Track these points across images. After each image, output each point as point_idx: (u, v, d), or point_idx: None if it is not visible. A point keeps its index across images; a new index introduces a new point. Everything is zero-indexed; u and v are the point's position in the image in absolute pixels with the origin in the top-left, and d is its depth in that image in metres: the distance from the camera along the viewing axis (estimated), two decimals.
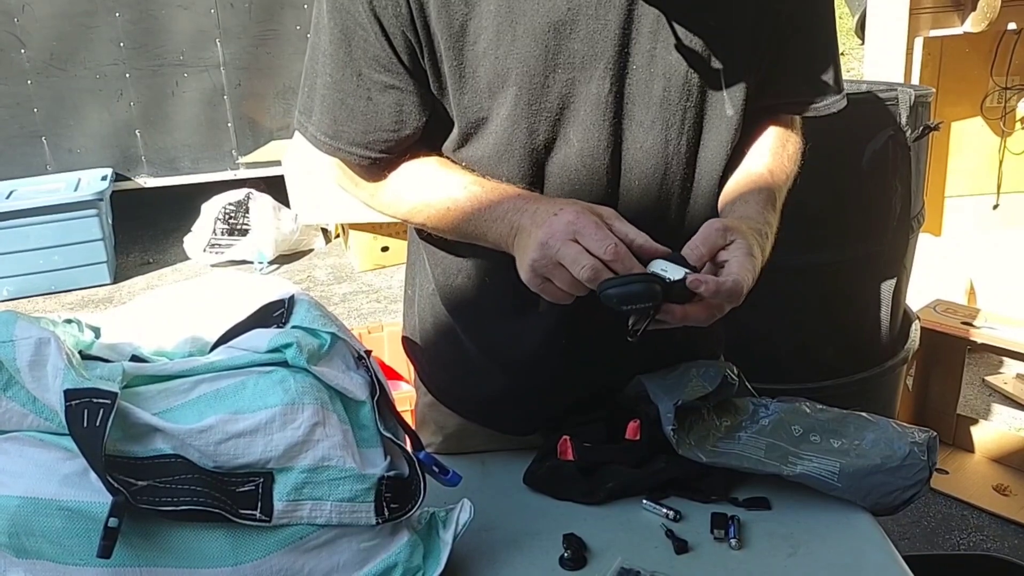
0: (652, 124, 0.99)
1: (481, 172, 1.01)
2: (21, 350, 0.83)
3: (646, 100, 0.98)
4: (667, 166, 1.02)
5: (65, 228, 4.14)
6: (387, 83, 0.98)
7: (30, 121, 4.48)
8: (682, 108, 0.99)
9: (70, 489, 0.80)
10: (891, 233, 1.83)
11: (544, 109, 0.97)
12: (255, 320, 0.99)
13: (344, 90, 0.99)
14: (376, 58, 0.96)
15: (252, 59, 4.59)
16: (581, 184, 1.00)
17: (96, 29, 4.39)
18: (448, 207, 1.00)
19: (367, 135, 1.00)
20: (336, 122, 1.00)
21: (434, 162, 1.03)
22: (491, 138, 0.99)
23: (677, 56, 0.97)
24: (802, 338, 1.85)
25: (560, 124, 0.98)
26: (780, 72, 1.05)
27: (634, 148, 1.01)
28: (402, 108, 0.99)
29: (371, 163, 1.03)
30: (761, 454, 1.02)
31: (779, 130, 1.12)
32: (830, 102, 1.10)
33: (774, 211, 1.04)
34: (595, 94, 0.97)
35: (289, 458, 0.85)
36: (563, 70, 0.95)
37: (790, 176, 1.10)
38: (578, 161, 1.00)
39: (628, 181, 1.02)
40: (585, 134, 0.98)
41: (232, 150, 4.77)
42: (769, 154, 1.08)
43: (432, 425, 1.23)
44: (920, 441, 1.04)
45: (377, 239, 4.34)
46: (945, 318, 2.47)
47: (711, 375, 1.07)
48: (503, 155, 1.00)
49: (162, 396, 0.88)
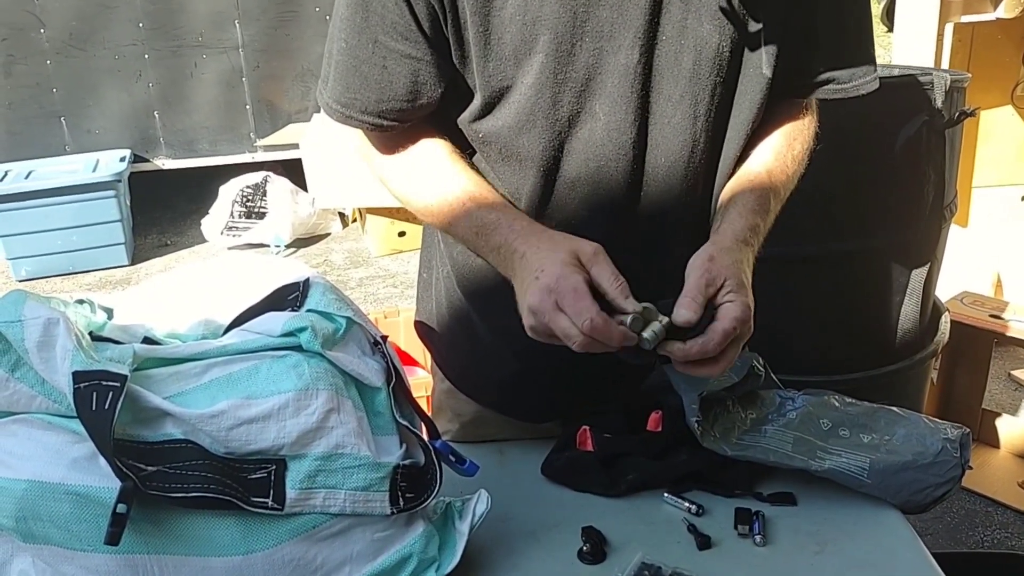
0: (681, 98, 0.96)
1: (500, 145, 0.99)
2: (30, 330, 0.81)
3: (675, 73, 0.95)
4: (694, 142, 0.99)
5: (83, 209, 4.15)
6: (403, 52, 0.95)
7: (49, 101, 4.49)
8: (712, 83, 0.96)
9: (78, 473, 0.78)
10: (923, 222, 1.79)
11: (570, 79, 0.94)
12: (269, 303, 0.97)
13: (358, 57, 0.96)
14: (394, 25, 0.94)
15: (271, 41, 4.58)
16: (606, 160, 0.97)
17: (115, 9, 4.39)
18: (448, 224, 1.00)
19: (380, 104, 0.98)
20: (349, 90, 0.98)
21: (438, 166, 1.01)
22: (514, 107, 0.96)
23: (709, 28, 0.93)
24: (829, 329, 1.81)
25: (586, 96, 0.95)
26: (811, 48, 1.01)
27: (662, 123, 0.97)
28: (417, 78, 0.96)
29: (383, 132, 1.01)
30: (788, 448, 0.99)
31: (789, 127, 1.07)
32: (860, 83, 1.05)
33: (766, 213, 1.01)
34: (623, 65, 0.93)
35: (302, 445, 0.83)
36: (591, 38, 0.92)
37: (792, 176, 1.06)
38: (604, 135, 0.97)
39: (655, 158, 0.99)
40: (612, 107, 0.95)
41: (250, 132, 4.76)
42: (772, 154, 1.04)
43: (449, 412, 1.21)
44: (953, 438, 1.01)
45: (394, 224, 4.32)
46: (972, 310, 2.43)
47: (737, 366, 1.04)
48: (524, 126, 0.97)
49: (173, 379, 0.86)
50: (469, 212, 0.97)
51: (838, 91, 1.05)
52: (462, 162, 1.01)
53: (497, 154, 1.01)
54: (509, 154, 1.00)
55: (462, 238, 1.01)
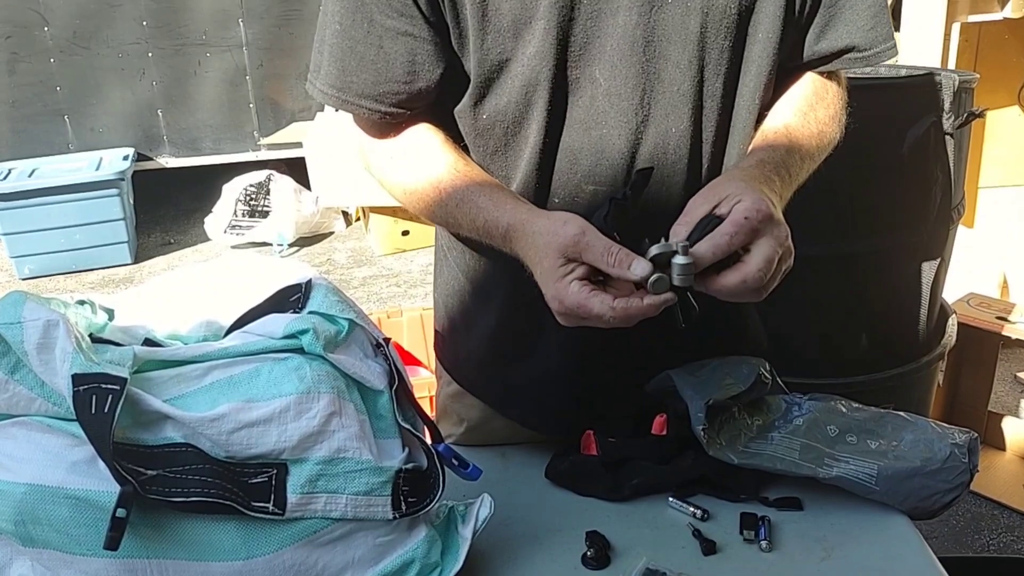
0: (689, 64, 0.94)
1: (502, 126, 0.98)
2: (29, 332, 0.80)
3: (683, 37, 0.93)
4: (703, 110, 0.97)
5: (86, 207, 4.15)
6: (400, 29, 0.93)
7: (53, 99, 4.49)
8: (720, 47, 0.94)
9: (78, 477, 0.78)
10: (930, 224, 1.77)
11: (570, 44, 0.92)
12: (271, 304, 0.97)
13: (354, 37, 0.95)
14: (389, 2, 0.92)
15: (275, 40, 4.57)
16: (609, 128, 0.95)
17: (119, 8, 4.38)
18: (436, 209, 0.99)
19: (377, 86, 0.96)
20: (345, 72, 0.96)
21: (428, 150, 0.99)
22: (516, 81, 0.95)
23: None
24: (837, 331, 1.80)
25: (585, 61, 0.93)
26: (826, 15, 0.99)
27: (670, 90, 0.95)
28: (415, 58, 0.95)
29: (381, 118, 0.99)
30: (796, 455, 0.98)
31: (811, 92, 1.03)
32: (881, 49, 1.01)
33: (785, 164, 0.95)
34: (621, 26, 0.92)
35: (304, 449, 0.82)
36: (589, 1, 0.91)
37: (819, 136, 1.00)
38: (605, 102, 0.94)
39: (662, 127, 0.96)
40: (612, 71, 0.93)
41: (254, 131, 4.76)
42: (791, 112, 1.01)
43: (454, 416, 1.20)
44: (961, 443, 1.00)
45: (398, 223, 4.31)
46: (979, 312, 2.41)
47: (744, 373, 1.03)
48: (526, 99, 0.95)
49: (174, 382, 0.85)
50: (459, 198, 0.95)
51: (859, 59, 1.02)
52: (453, 148, 1.00)
53: (499, 136, 0.99)
54: (509, 133, 0.98)
55: (453, 223, 0.99)
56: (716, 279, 0.83)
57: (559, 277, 0.84)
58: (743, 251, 0.83)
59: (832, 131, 1.03)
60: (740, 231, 0.81)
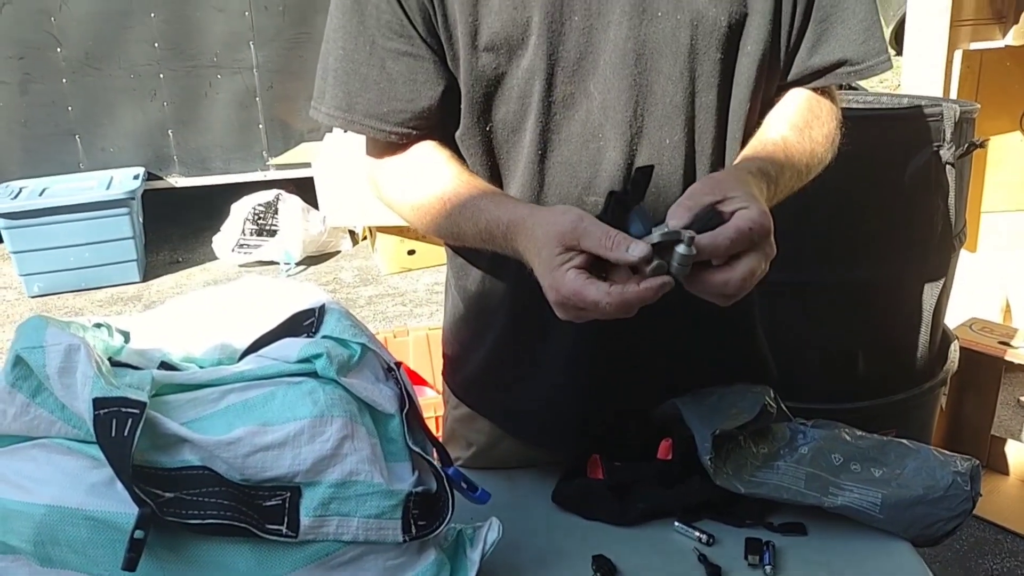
0: (680, 76, 0.96)
1: (500, 141, 1.00)
2: (51, 356, 0.82)
3: (673, 50, 0.95)
4: (696, 122, 0.98)
5: (96, 226, 4.18)
6: (400, 50, 0.96)
7: (64, 119, 4.53)
8: (712, 59, 0.96)
9: (96, 499, 0.79)
10: (932, 251, 1.79)
11: (562, 59, 0.95)
12: (285, 329, 0.98)
13: (357, 60, 0.98)
14: (388, 24, 0.96)
15: (284, 62, 4.62)
16: (604, 140, 0.97)
17: (131, 29, 4.44)
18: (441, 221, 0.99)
19: (381, 105, 0.99)
20: (350, 94, 0.99)
21: (431, 163, 1.01)
22: (511, 96, 0.97)
23: (705, 1, 0.94)
24: (840, 357, 1.81)
25: (579, 76, 0.96)
26: (817, 30, 1.01)
27: (663, 103, 0.97)
28: (416, 76, 0.98)
29: (387, 138, 1.01)
30: (801, 484, 0.99)
31: (806, 109, 1.04)
32: (874, 63, 1.02)
33: (778, 170, 0.95)
34: (612, 40, 0.94)
35: (317, 472, 0.84)
36: (580, 16, 0.94)
37: (812, 155, 1.01)
38: (600, 115, 0.97)
39: (656, 139, 0.98)
40: (606, 85, 0.96)
41: (263, 151, 4.79)
42: (787, 126, 1.01)
43: (462, 440, 1.22)
44: (963, 470, 1.01)
45: (404, 242, 4.34)
46: (981, 337, 2.42)
47: (749, 403, 1.05)
48: (522, 114, 0.98)
49: (191, 405, 0.87)
50: (462, 205, 0.96)
51: (852, 73, 1.03)
52: (457, 162, 1.02)
53: (496, 151, 1.01)
54: (506, 148, 1.01)
55: (467, 244, 1.00)
56: (699, 274, 0.82)
57: (556, 266, 0.83)
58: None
59: (824, 151, 1.04)
60: (742, 239, 0.80)
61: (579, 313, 0.84)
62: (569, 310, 0.84)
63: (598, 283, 0.81)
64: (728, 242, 0.80)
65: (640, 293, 0.80)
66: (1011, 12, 2.86)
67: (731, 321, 1.14)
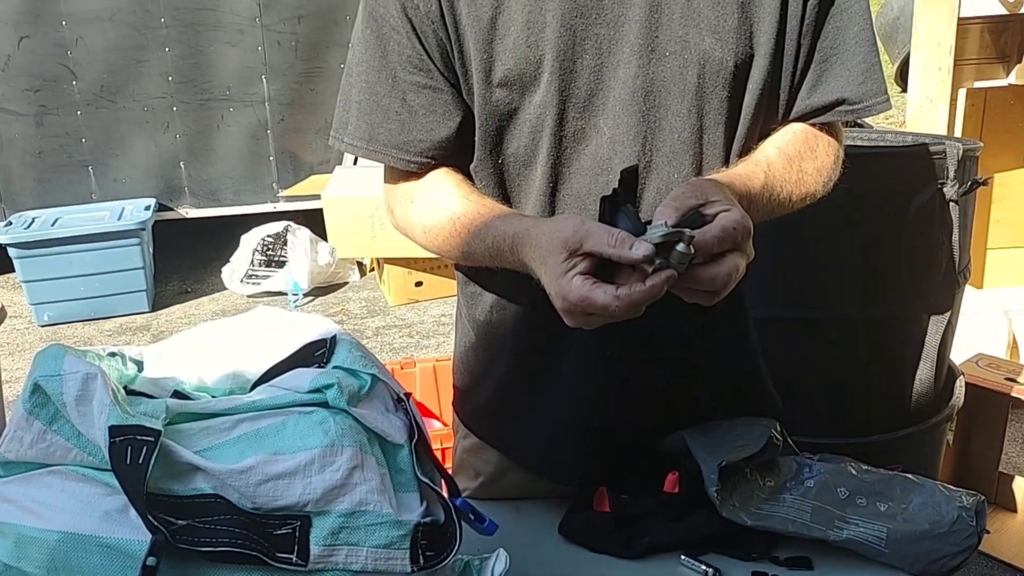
0: (688, 113, 0.99)
1: (512, 174, 1.03)
2: (68, 385, 0.84)
3: (681, 88, 0.98)
4: (703, 157, 1.01)
5: (107, 256, 4.21)
6: (421, 83, 1.00)
7: (78, 151, 4.59)
8: (718, 97, 0.99)
9: (110, 525, 0.80)
10: (937, 287, 1.80)
11: (573, 96, 0.98)
12: (297, 359, 1.00)
13: (379, 93, 1.02)
14: (409, 59, 1.00)
15: (296, 95, 4.69)
16: (614, 174, 1.00)
17: (146, 63, 4.51)
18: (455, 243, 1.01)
19: (402, 135, 1.02)
20: (372, 125, 1.03)
21: (445, 187, 1.04)
22: (524, 130, 1.00)
23: (711, 42, 0.97)
24: (844, 392, 1.82)
25: (590, 111, 0.99)
26: (818, 70, 1.03)
27: (671, 138, 1.00)
28: (435, 108, 1.01)
29: (407, 166, 1.04)
30: (807, 517, 1.00)
31: (802, 143, 1.05)
32: (872, 103, 1.04)
33: (759, 188, 0.97)
34: (621, 79, 0.97)
35: (327, 501, 0.85)
36: (591, 55, 0.97)
37: (797, 185, 1.02)
38: (609, 149, 1.00)
39: (665, 173, 1.01)
40: (615, 121, 0.99)
41: (273, 183, 4.84)
42: (778, 154, 1.02)
43: (470, 470, 1.23)
44: (968, 506, 1.01)
45: (411, 274, 4.36)
46: (988, 373, 2.42)
47: (755, 435, 1.05)
48: (533, 147, 1.00)
49: (204, 434, 0.88)
50: (473, 234, 0.98)
51: (850, 111, 1.05)
52: (468, 185, 1.04)
53: (508, 183, 1.04)
54: (518, 180, 1.03)
55: (474, 260, 1.02)
56: (687, 271, 0.83)
57: (562, 273, 0.84)
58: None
59: (815, 185, 1.05)
60: (727, 238, 0.83)
61: (588, 319, 0.85)
62: (577, 316, 0.85)
63: (605, 286, 0.82)
64: (715, 240, 0.82)
65: (647, 291, 0.81)
66: (1014, 51, 2.90)
67: (734, 356, 1.16)
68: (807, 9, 1.00)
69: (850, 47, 1.03)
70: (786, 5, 0.99)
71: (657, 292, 0.81)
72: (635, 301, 0.81)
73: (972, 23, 2.78)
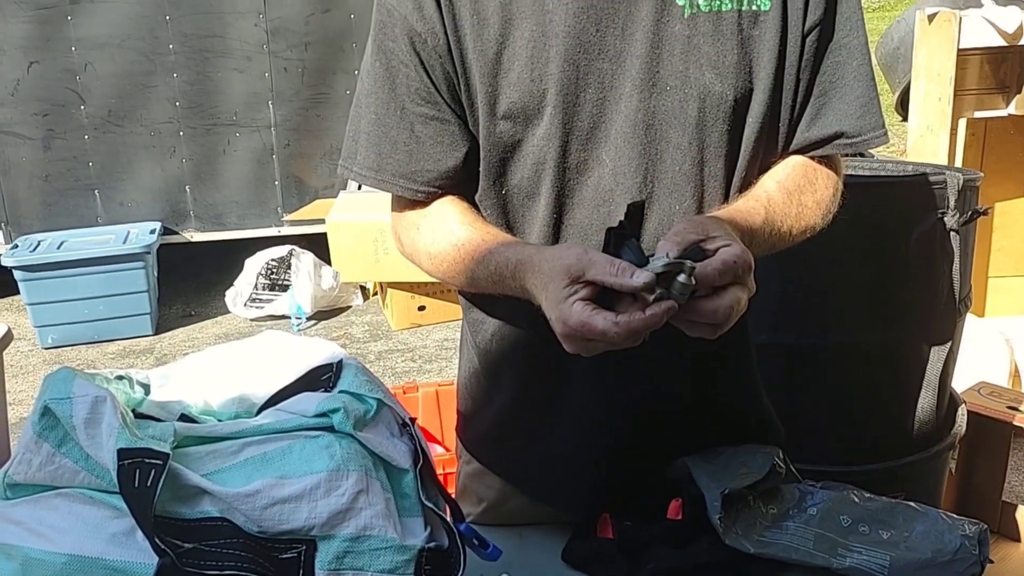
0: (689, 146, 1.01)
1: (516, 204, 1.05)
2: (78, 408, 0.85)
3: (681, 121, 1.00)
4: (704, 189, 1.02)
5: (112, 279, 4.23)
6: (428, 114, 1.02)
7: (85, 175, 4.62)
8: (719, 130, 1.01)
9: (117, 548, 0.81)
10: (938, 316, 1.81)
11: (576, 128, 1.00)
12: (303, 384, 1.01)
13: (387, 124, 1.04)
14: (417, 91, 1.02)
15: (302, 121, 4.72)
16: (616, 205, 1.01)
17: (154, 88, 4.55)
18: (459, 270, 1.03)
19: (410, 165, 1.04)
20: (380, 156, 1.05)
21: (450, 216, 1.05)
22: (527, 162, 1.02)
23: (710, 77, 0.98)
24: (846, 419, 1.82)
25: (592, 144, 1.01)
26: (817, 104, 1.05)
27: (672, 170, 1.01)
28: (443, 139, 1.03)
29: (414, 195, 1.06)
30: (810, 545, 1.00)
31: (800, 176, 1.06)
32: (870, 136, 1.05)
33: (760, 223, 0.98)
34: (623, 112, 0.99)
35: (332, 526, 0.85)
36: (593, 89, 0.99)
37: (797, 220, 1.04)
38: (611, 181, 1.01)
39: (666, 205, 1.02)
40: (617, 153, 1.00)
41: (278, 207, 4.87)
42: (778, 189, 1.04)
43: (473, 496, 1.23)
44: (971, 534, 1.01)
45: (414, 298, 4.37)
46: (990, 401, 2.41)
47: (759, 463, 1.06)
48: (536, 179, 1.02)
49: (211, 458, 0.89)
50: (477, 260, 1.00)
51: (848, 145, 1.06)
52: (473, 213, 1.06)
53: (512, 213, 1.06)
54: (522, 210, 1.05)
55: (479, 287, 1.03)
56: (689, 304, 0.84)
57: (563, 299, 0.85)
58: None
59: (814, 218, 1.07)
60: (728, 271, 0.83)
61: (587, 345, 0.85)
62: (577, 342, 0.85)
63: (605, 313, 0.83)
64: (716, 273, 0.83)
65: (647, 320, 0.82)
66: (1014, 82, 2.93)
67: (738, 384, 1.16)
68: (806, 45, 1.02)
69: (849, 82, 1.05)
70: (785, 41, 1.01)
71: (657, 321, 0.82)
72: (634, 328, 0.82)
73: (972, 54, 2.81)
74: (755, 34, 0.99)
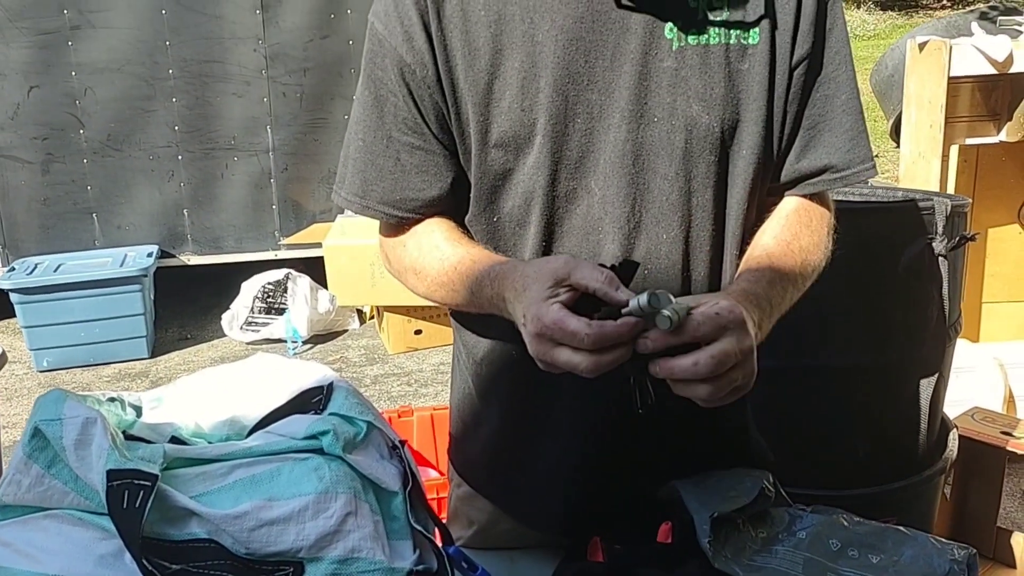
0: (676, 176, 1.02)
1: (507, 232, 1.06)
2: (68, 429, 0.85)
3: (669, 152, 1.01)
4: (691, 219, 1.04)
5: (108, 302, 4.24)
6: (414, 144, 1.04)
7: (83, 198, 4.64)
8: (706, 161, 1.02)
9: (105, 570, 0.81)
10: (928, 340, 1.82)
11: (565, 157, 1.01)
12: (294, 406, 1.01)
13: (374, 151, 1.06)
14: (404, 121, 1.04)
15: (300, 145, 4.75)
16: (604, 234, 1.03)
17: (153, 113, 4.59)
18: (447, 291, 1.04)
19: (395, 193, 1.06)
20: (366, 182, 1.07)
21: (436, 237, 1.07)
22: (517, 190, 1.03)
23: (698, 109, 1.00)
24: (837, 444, 1.82)
25: (581, 173, 1.02)
26: (805, 137, 1.06)
27: (660, 200, 1.02)
28: (427, 168, 1.05)
29: (398, 223, 1.08)
30: (799, 569, 1.00)
31: (794, 219, 1.08)
32: (858, 169, 1.06)
33: (770, 287, 1.00)
34: (611, 142, 1.00)
35: (320, 548, 0.85)
36: (582, 119, 1.00)
37: (804, 264, 1.05)
38: (600, 210, 1.03)
39: (654, 235, 1.03)
40: (605, 182, 1.02)
41: (275, 231, 4.88)
42: (775, 242, 1.06)
43: (464, 519, 1.23)
44: (960, 559, 1.01)
45: (411, 322, 4.38)
46: (984, 427, 2.42)
47: (748, 486, 1.06)
48: (526, 207, 1.03)
49: (199, 479, 0.89)
50: (462, 273, 1.01)
51: (837, 179, 1.07)
52: (459, 231, 1.07)
53: (501, 241, 1.07)
54: (511, 238, 1.06)
55: (461, 302, 1.04)
56: (670, 360, 0.84)
57: (543, 299, 0.86)
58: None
59: (817, 258, 1.08)
60: (708, 321, 0.83)
61: (554, 350, 0.84)
62: (544, 343, 0.85)
63: (581, 317, 0.83)
64: (700, 317, 0.83)
65: (619, 327, 0.82)
66: (1004, 110, 2.96)
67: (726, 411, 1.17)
68: (793, 78, 1.03)
69: (837, 115, 1.06)
70: (773, 74, 1.02)
71: (627, 332, 0.82)
72: (605, 334, 0.82)
73: (963, 82, 2.85)
74: (743, 68, 1.01)
